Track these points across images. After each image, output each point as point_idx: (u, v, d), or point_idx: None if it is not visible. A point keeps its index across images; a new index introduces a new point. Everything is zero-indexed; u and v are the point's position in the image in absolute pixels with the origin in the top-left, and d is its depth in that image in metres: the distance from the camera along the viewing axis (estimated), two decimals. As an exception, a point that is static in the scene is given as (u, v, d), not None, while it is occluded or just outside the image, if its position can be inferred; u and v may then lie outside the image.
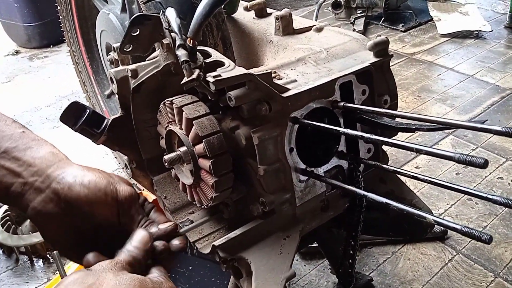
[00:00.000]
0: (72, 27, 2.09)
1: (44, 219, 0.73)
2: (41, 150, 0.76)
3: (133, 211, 0.78)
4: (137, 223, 0.78)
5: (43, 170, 0.74)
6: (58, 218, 0.73)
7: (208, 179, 0.89)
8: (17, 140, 0.76)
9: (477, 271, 1.65)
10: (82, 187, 0.73)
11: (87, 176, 0.75)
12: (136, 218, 0.79)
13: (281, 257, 0.92)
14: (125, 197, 0.77)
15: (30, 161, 0.74)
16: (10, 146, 0.74)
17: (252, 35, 1.28)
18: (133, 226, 0.78)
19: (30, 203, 0.73)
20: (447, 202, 1.98)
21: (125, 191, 0.77)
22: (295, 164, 0.94)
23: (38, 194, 0.73)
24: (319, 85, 0.93)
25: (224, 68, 0.85)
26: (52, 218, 0.73)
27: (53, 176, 0.74)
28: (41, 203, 0.72)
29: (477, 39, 3.59)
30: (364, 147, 1.03)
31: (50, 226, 0.74)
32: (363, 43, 1.10)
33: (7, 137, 0.75)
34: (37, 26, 4.03)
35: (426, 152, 0.67)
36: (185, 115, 0.87)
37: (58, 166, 0.75)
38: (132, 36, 0.88)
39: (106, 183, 0.75)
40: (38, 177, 0.73)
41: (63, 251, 0.79)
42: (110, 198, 0.75)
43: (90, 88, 2.20)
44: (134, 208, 0.78)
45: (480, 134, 2.43)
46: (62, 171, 0.74)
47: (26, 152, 0.75)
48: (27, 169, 0.73)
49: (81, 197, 0.73)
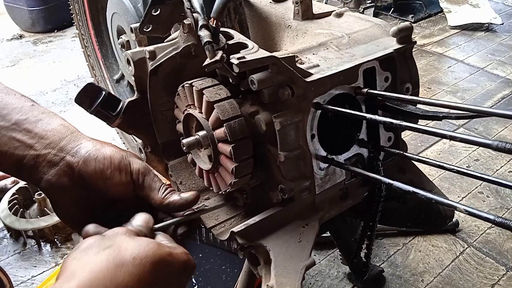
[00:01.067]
0: (81, 10, 2.06)
1: (57, 192, 0.72)
2: (52, 122, 0.75)
3: (149, 181, 0.76)
4: (157, 191, 0.76)
5: (56, 142, 0.73)
6: (72, 191, 0.72)
7: (227, 164, 0.87)
8: (27, 112, 0.74)
9: (488, 264, 1.63)
10: (97, 162, 0.72)
11: (101, 151, 0.73)
12: (154, 186, 0.76)
13: (300, 245, 0.90)
14: (138, 170, 0.75)
15: (42, 133, 0.73)
16: (21, 118, 0.73)
17: (270, 19, 1.25)
18: (152, 195, 0.76)
19: (44, 175, 0.71)
20: (458, 195, 1.96)
21: (138, 164, 0.76)
22: (316, 151, 0.91)
23: (52, 167, 0.71)
24: (343, 71, 0.90)
25: (247, 50, 0.82)
26: (65, 191, 0.72)
27: (66, 149, 0.72)
28: (55, 176, 0.71)
29: (488, 32, 3.55)
30: (384, 135, 1.01)
31: (63, 199, 0.73)
32: (386, 29, 1.07)
33: (17, 109, 0.74)
34: (41, 10, 4.00)
35: (461, 139, 0.65)
36: (205, 98, 0.85)
37: (71, 139, 0.74)
38: (152, 16, 0.86)
39: (120, 158, 0.74)
40: (51, 149, 0.72)
41: (72, 224, 0.77)
42: (124, 174, 0.74)
43: (99, 72, 2.17)
44: (149, 178, 0.76)
45: (491, 127, 2.41)
46: (75, 144, 0.73)
47: (38, 124, 0.73)
48: (39, 141, 0.72)
49: (96, 172, 0.72)
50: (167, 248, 0.63)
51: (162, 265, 0.60)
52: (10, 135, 0.71)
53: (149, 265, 0.58)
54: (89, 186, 0.73)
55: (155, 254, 0.59)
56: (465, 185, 2.01)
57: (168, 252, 0.62)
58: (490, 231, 1.78)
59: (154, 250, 0.60)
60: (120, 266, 0.56)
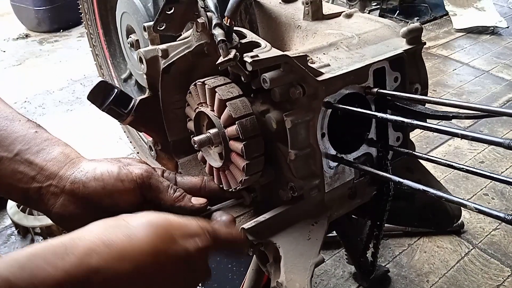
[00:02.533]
0: (90, 9, 2.07)
1: (69, 222, 0.72)
2: (53, 151, 0.74)
3: (154, 183, 0.76)
4: (166, 192, 0.76)
5: (55, 172, 0.72)
6: (83, 217, 0.71)
7: (239, 162, 0.88)
8: (30, 141, 0.74)
9: (493, 265, 1.64)
10: (96, 181, 0.72)
11: (98, 169, 0.73)
12: (162, 188, 0.77)
13: (310, 243, 0.91)
14: (140, 175, 0.75)
15: (42, 164, 0.72)
16: (23, 148, 0.73)
17: (279, 19, 1.26)
18: (161, 196, 0.76)
19: (51, 208, 0.71)
20: (463, 196, 1.96)
21: (138, 169, 0.76)
22: (325, 150, 0.92)
23: (56, 198, 0.72)
24: (353, 70, 0.91)
25: (260, 49, 0.83)
26: (77, 219, 0.71)
27: (65, 178, 0.72)
28: (61, 207, 0.71)
29: (493, 35, 3.55)
30: (393, 135, 1.02)
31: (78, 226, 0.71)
32: (395, 29, 1.08)
33: (20, 138, 0.74)
34: (47, 10, 4.03)
35: (472, 137, 0.65)
36: (218, 96, 0.86)
37: (69, 166, 0.74)
38: (166, 15, 0.87)
39: (117, 169, 0.74)
40: (51, 180, 0.72)
41: None
42: (126, 183, 0.74)
43: (107, 71, 2.19)
44: (154, 180, 0.76)
45: (496, 130, 2.42)
46: (72, 171, 0.73)
47: (39, 155, 0.73)
48: (39, 172, 0.72)
49: (98, 191, 0.72)
50: (178, 220, 0.64)
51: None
52: (13, 167, 0.71)
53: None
54: (98, 207, 0.72)
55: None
56: (470, 187, 2.01)
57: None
58: (495, 233, 1.78)
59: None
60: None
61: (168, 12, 0.86)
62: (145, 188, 0.75)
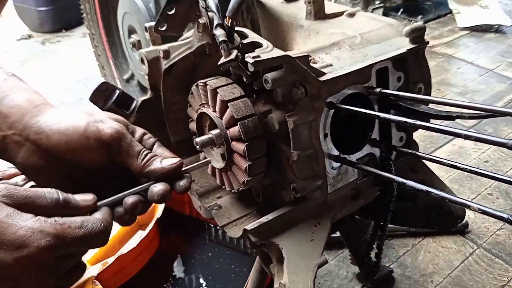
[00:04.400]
0: (92, 9, 2.07)
1: (33, 172, 0.69)
2: (18, 98, 0.69)
3: (125, 146, 0.69)
4: (135, 158, 0.69)
5: (19, 120, 0.67)
6: (46, 169, 0.68)
7: (241, 163, 0.88)
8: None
9: (498, 265, 1.63)
10: (59, 135, 0.66)
11: (63, 122, 0.67)
12: (132, 153, 0.69)
13: (313, 244, 0.90)
14: (110, 135, 0.68)
15: (6, 112, 0.67)
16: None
17: (281, 19, 1.26)
18: (130, 162, 0.69)
19: (15, 158, 0.68)
20: (467, 196, 1.95)
21: (109, 129, 0.68)
22: (328, 151, 0.92)
23: (20, 147, 0.67)
24: (356, 70, 0.90)
25: (262, 49, 0.83)
26: (40, 170, 0.68)
27: (28, 127, 0.67)
28: (24, 157, 0.67)
29: (497, 33, 3.53)
30: (396, 135, 1.01)
31: (42, 178, 0.69)
32: (398, 29, 1.07)
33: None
34: (49, 10, 4.03)
35: (475, 138, 0.65)
36: (220, 97, 0.85)
37: (33, 114, 0.68)
38: (167, 15, 0.87)
39: (85, 125, 0.67)
40: (15, 129, 0.67)
41: None
42: (92, 141, 0.67)
43: (109, 72, 2.19)
44: (124, 143, 0.69)
45: (501, 129, 2.40)
46: (37, 120, 0.67)
47: (3, 101, 0.68)
48: (4, 120, 0.67)
49: (61, 145, 0.66)
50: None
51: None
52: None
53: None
54: (62, 161, 0.67)
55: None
56: (474, 186, 2.00)
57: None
58: (499, 233, 1.77)
59: None
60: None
61: (170, 13, 0.86)
62: (113, 150, 0.69)
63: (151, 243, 1.60)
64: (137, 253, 1.52)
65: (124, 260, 1.46)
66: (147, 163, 0.69)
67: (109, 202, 0.66)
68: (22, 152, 0.67)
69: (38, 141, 0.67)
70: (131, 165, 0.69)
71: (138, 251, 1.52)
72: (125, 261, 1.48)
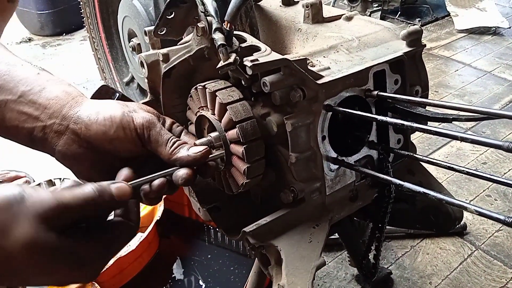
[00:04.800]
0: (92, 13, 2.08)
1: (71, 160, 0.72)
2: (55, 90, 0.74)
3: (155, 135, 0.73)
4: (164, 146, 0.73)
5: (58, 111, 0.72)
6: (85, 157, 0.72)
7: (239, 165, 0.88)
8: (32, 82, 0.73)
9: (496, 267, 1.64)
10: (98, 125, 0.71)
11: (101, 113, 0.72)
12: (161, 141, 0.73)
13: (311, 245, 0.91)
14: (142, 124, 0.73)
15: (45, 103, 0.72)
16: (26, 90, 0.72)
17: (280, 23, 1.27)
18: (160, 150, 0.73)
19: (55, 146, 0.71)
20: (466, 198, 1.96)
21: (141, 118, 0.73)
22: (326, 153, 0.93)
23: (60, 136, 0.71)
24: (354, 73, 0.91)
25: (260, 52, 0.84)
26: (79, 159, 0.72)
27: (69, 116, 0.72)
28: (64, 145, 0.71)
29: (495, 36, 3.55)
30: (394, 137, 1.02)
31: (79, 166, 0.73)
32: (395, 32, 1.09)
33: (23, 80, 0.73)
34: (50, 13, 4.04)
35: (471, 140, 0.66)
36: (218, 100, 0.86)
37: (72, 105, 0.73)
38: (166, 19, 0.88)
39: (120, 115, 0.72)
40: (55, 119, 0.71)
41: None
42: (128, 131, 0.72)
43: (109, 75, 2.20)
44: (154, 132, 0.73)
45: (499, 131, 2.41)
46: (76, 110, 0.72)
47: (41, 94, 0.72)
48: (43, 111, 0.71)
49: (99, 135, 0.71)
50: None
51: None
52: (18, 109, 0.71)
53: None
54: (99, 149, 0.72)
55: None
56: (472, 188, 2.01)
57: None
58: (498, 234, 1.78)
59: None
60: None
61: (169, 17, 0.87)
62: (145, 139, 0.73)
63: (150, 245, 1.61)
64: (136, 255, 1.52)
65: (123, 262, 1.47)
66: (175, 150, 0.73)
67: (138, 183, 0.69)
68: (62, 141, 0.71)
69: (77, 131, 0.71)
70: (161, 153, 0.73)
71: (138, 253, 1.53)
72: (124, 263, 1.48)
